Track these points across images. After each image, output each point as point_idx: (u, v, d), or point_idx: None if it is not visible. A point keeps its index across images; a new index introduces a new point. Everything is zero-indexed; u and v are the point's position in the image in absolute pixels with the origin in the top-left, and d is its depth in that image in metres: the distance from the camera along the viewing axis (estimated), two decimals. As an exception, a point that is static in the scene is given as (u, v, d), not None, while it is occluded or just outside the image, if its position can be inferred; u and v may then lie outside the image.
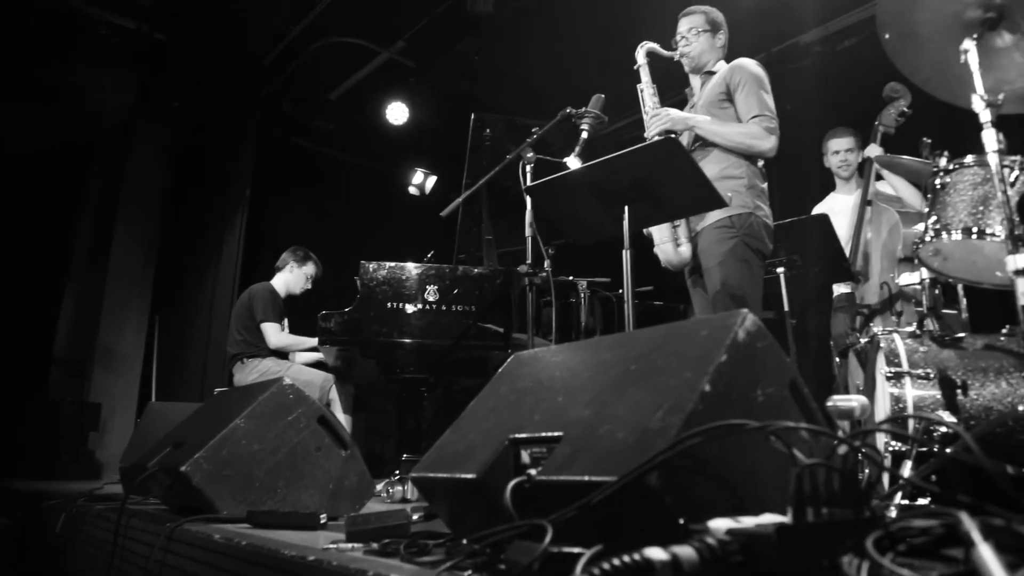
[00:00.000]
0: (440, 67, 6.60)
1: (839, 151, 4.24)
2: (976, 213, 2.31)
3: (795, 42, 5.94)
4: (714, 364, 1.29)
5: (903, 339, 2.51)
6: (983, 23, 2.17)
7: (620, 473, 1.20)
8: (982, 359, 2.44)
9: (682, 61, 3.22)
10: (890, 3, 2.32)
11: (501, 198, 4.41)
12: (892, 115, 3.87)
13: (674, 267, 3.06)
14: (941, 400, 2.37)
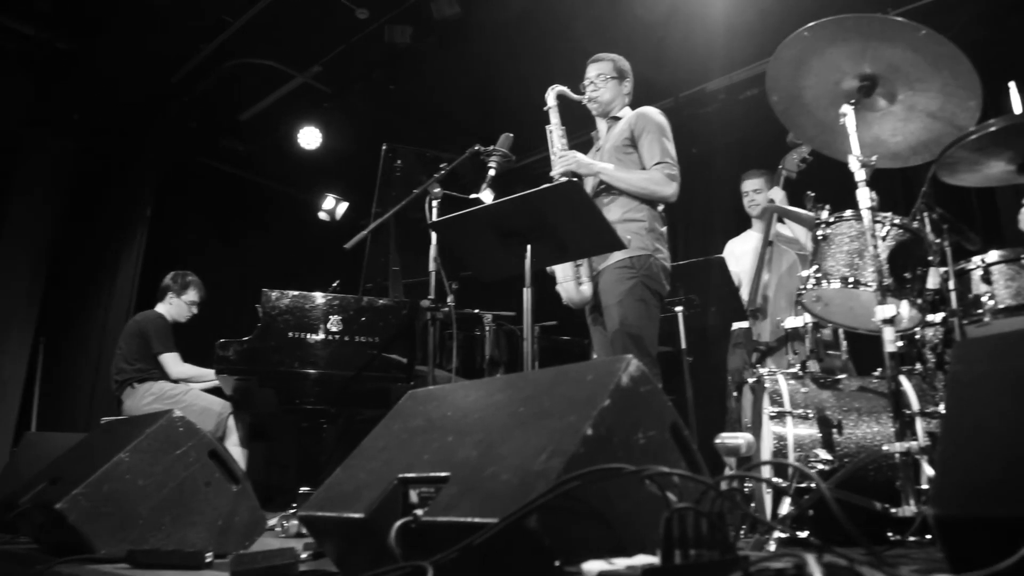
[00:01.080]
0: (355, 94, 6.57)
1: (748, 191, 4.49)
2: (853, 264, 2.46)
3: (701, 89, 6.20)
4: (597, 408, 1.33)
5: (787, 380, 2.65)
6: (859, 90, 2.33)
7: (502, 515, 1.22)
8: (856, 400, 2.59)
9: (589, 105, 3.33)
10: (777, 70, 2.47)
11: (410, 229, 4.41)
12: (795, 160, 4.11)
13: (575, 305, 3.13)
14: (819, 438, 2.51)
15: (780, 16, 3.28)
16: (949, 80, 2.23)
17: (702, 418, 4.17)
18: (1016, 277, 2.39)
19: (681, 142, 6.22)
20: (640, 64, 3.62)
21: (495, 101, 5.88)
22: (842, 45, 2.33)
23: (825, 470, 2.46)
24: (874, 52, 2.31)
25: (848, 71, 2.37)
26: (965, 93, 2.22)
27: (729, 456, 2.41)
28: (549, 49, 5.24)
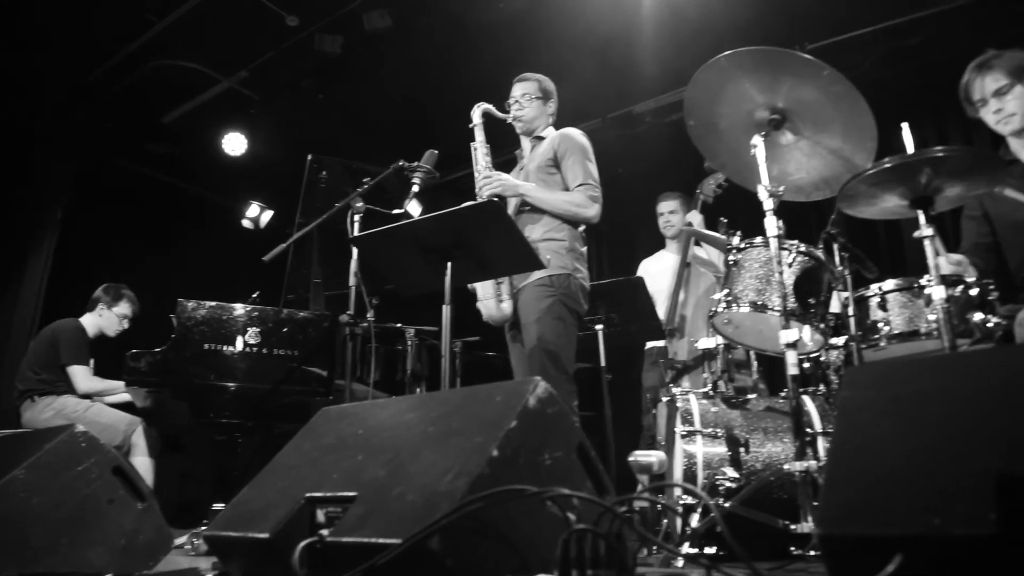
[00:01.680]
0: (283, 102, 6.47)
1: (663, 213, 4.64)
2: (762, 289, 2.56)
3: (629, 111, 6.34)
4: (504, 429, 1.35)
5: (698, 399, 2.73)
6: (770, 123, 2.44)
7: (406, 536, 1.22)
8: (763, 420, 2.69)
9: (514, 124, 3.38)
10: (695, 95, 2.56)
11: (333, 241, 4.38)
12: (711, 186, 4.27)
13: (495, 322, 3.16)
14: (727, 457, 2.59)
15: (707, 42, 3.40)
16: (849, 120, 2.35)
17: (620, 435, 4.25)
18: (909, 305, 2.53)
19: (608, 162, 6.35)
20: (570, 84, 3.70)
21: (424, 115, 5.87)
22: (756, 76, 2.43)
23: (732, 487, 2.55)
24: (784, 87, 2.42)
25: (760, 103, 2.47)
26: (863, 134, 2.34)
27: (642, 473, 2.47)
28: (479, 66, 5.28)
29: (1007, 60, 2.75)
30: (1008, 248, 2.84)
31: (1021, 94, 2.74)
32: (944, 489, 1.14)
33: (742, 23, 4.98)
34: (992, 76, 2.76)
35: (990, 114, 2.79)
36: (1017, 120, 2.75)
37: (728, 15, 4.99)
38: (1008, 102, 2.74)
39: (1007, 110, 2.75)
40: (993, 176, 2.16)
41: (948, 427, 1.24)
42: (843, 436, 1.36)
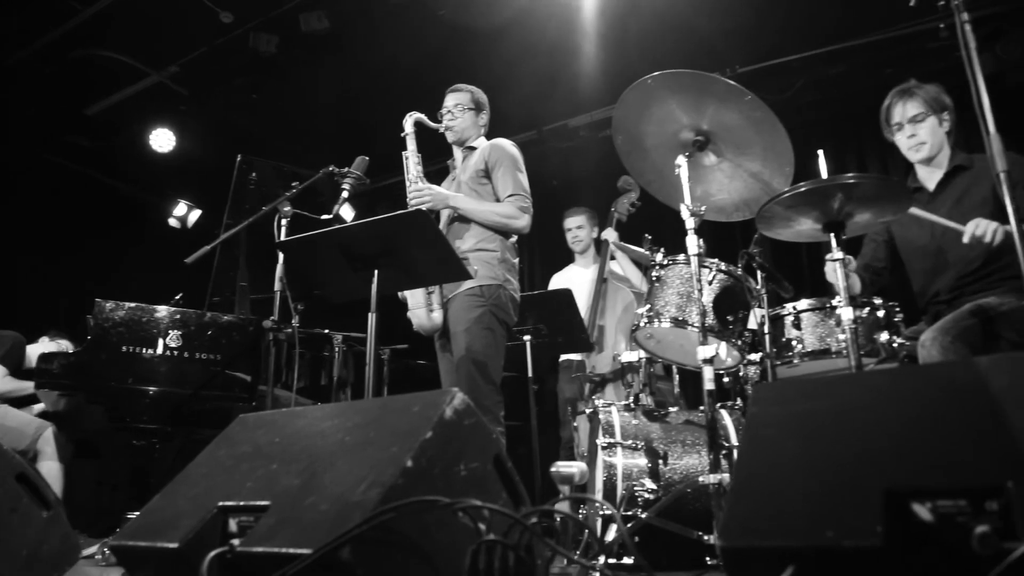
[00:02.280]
0: (215, 99, 6.33)
1: (571, 228, 4.80)
2: (683, 305, 2.64)
3: (564, 124, 6.42)
4: (419, 440, 1.35)
5: (619, 412, 2.78)
6: (694, 144, 2.51)
7: (317, 545, 1.22)
8: (681, 432, 2.76)
9: (446, 134, 3.39)
10: (624, 112, 2.62)
11: (262, 244, 4.31)
12: (625, 204, 4.39)
13: (426, 332, 3.16)
14: (646, 468, 2.65)
15: (644, 61, 3.49)
16: (768, 145, 2.45)
17: (545, 445, 4.29)
18: (821, 324, 2.64)
19: (542, 173, 6.42)
20: (508, 95, 3.73)
21: (359, 120, 5.83)
22: (681, 98, 2.50)
23: (650, 499, 2.61)
24: (709, 109, 2.50)
25: (686, 124, 2.55)
26: (781, 159, 2.44)
27: (564, 484, 2.50)
28: (415, 73, 5.29)
29: (926, 92, 2.94)
30: (912, 273, 3.00)
31: (933, 125, 2.92)
32: (838, 503, 1.20)
33: (678, 43, 5.11)
34: (912, 103, 2.94)
35: (904, 138, 2.97)
36: (926, 149, 2.93)
37: (665, 35, 5.11)
38: (921, 130, 2.92)
39: (919, 137, 2.92)
40: (900, 204, 2.28)
41: (843, 444, 1.30)
42: (748, 451, 1.41)
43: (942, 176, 2.94)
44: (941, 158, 2.97)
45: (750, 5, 4.96)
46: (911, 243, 2.96)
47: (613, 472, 2.64)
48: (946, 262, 2.83)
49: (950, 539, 1.12)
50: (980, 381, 1.28)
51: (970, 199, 2.81)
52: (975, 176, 2.85)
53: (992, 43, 5.00)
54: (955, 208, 2.80)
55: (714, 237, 5.31)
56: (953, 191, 2.89)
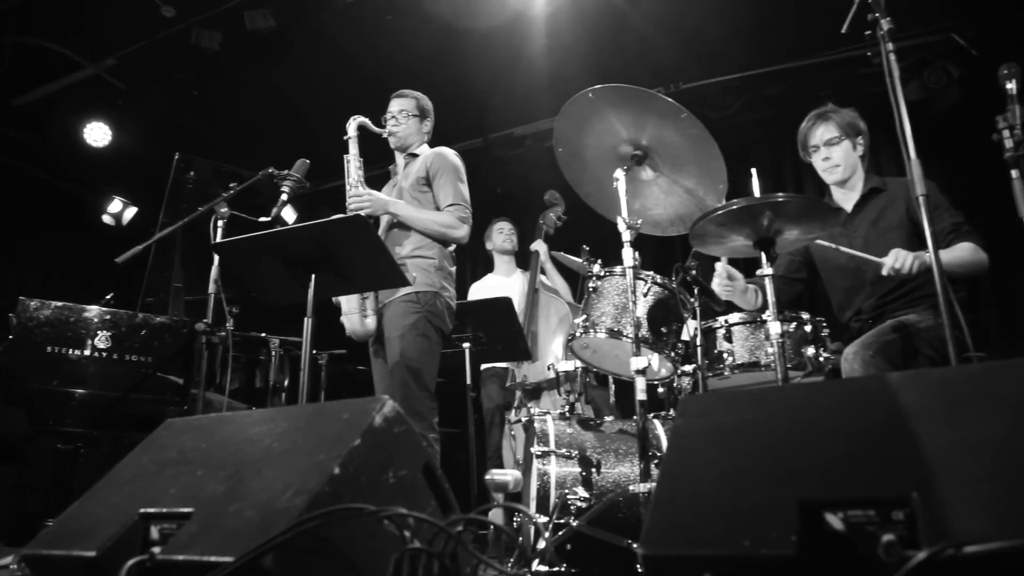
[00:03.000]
0: (154, 95, 6.18)
1: (503, 230, 4.97)
2: (618, 316, 2.68)
3: (510, 133, 6.46)
4: (347, 447, 1.35)
5: (554, 421, 2.81)
6: (632, 158, 2.56)
7: (240, 553, 1.20)
8: (615, 442, 2.80)
9: (389, 139, 3.38)
10: (565, 123, 2.65)
11: (200, 244, 4.22)
12: (552, 217, 4.47)
13: (358, 337, 3.14)
14: (579, 477, 2.68)
15: (590, 73, 3.54)
16: (703, 163, 2.51)
17: (483, 452, 4.30)
18: (751, 337, 2.72)
19: (486, 180, 6.44)
20: (455, 102, 3.73)
21: (303, 122, 5.77)
22: (621, 112, 2.55)
23: (583, 507, 2.64)
24: (648, 125, 2.55)
25: (625, 138, 2.60)
26: (715, 177, 2.51)
27: (498, 492, 2.51)
28: (361, 77, 5.26)
29: (841, 116, 3.06)
30: (832, 291, 3.11)
31: (848, 149, 3.05)
32: (755, 513, 1.24)
33: (625, 57, 5.20)
34: (828, 127, 3.06)
35: (819, 161, 3.10)
36: (840, 171, 3.06)
37: (613, 49, 5.19)
38: (835, 152, 3.04)
39: (834, 160, 3.05)
40: (826, 222, 2.36)
41: (763, 455, 1.35)
42: (671, 461, 1.44)
43: (858, 198, 3.05)
44: (855, 181, 3.09)
45: (695, 23, 5.07)
46: (830, 261, 3.07)
47: (546, 480, 2.67)
48: (864, 281, 2.94)
49: (859, 547, 1.17)
50: (891, 396, 1.34)
51: (886, 221, 2.93)
52: (890, 198, 2.98)
53: (921, 71, 5.21)
54: (872, 229, 2.92)
55: (655, 250, 5.42)
56: (869, 213, 3.01)
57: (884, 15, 2.34)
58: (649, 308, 2.65)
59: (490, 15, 4.99)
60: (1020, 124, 2.17)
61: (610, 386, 3.41)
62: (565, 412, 2.93)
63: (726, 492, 1.31)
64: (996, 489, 1.11)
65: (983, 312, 5.03)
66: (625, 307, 2.66)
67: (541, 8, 4.92)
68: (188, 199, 4.18)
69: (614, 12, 4.94)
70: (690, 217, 2.47)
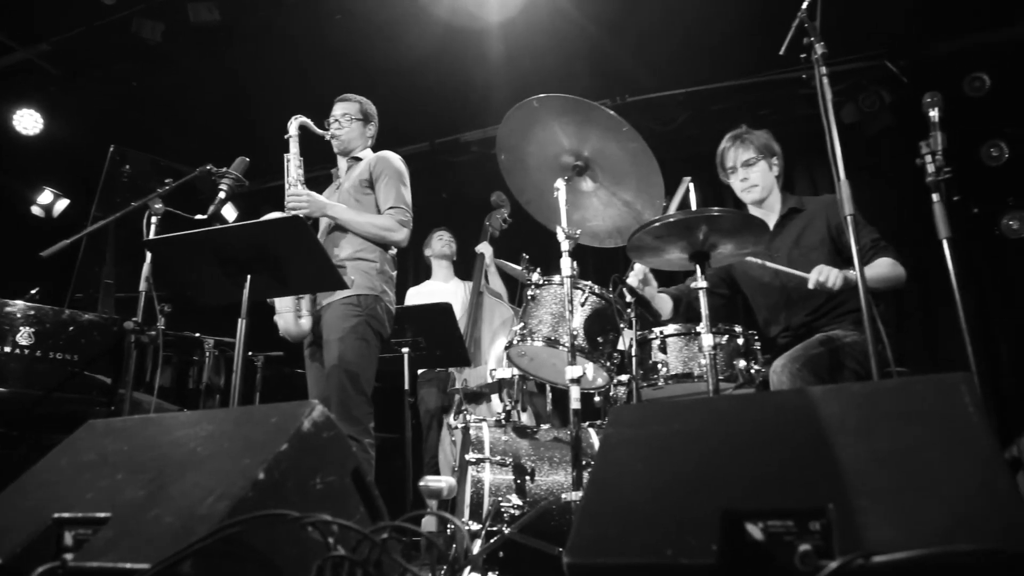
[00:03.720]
0: (91, 84, 5.98)
1: (442, 237, 4.99)
2: (555, 325, 2.70)
3: (456, 138, 6.46)
4: (274, 452, 1.33)
5: (489, 428, 2.81)
6: (573, 168, 2.59)
7: (156, 560, 1.17)
8: (549, 450, 2.82)
9: (332, 142, 3.36)
10: (509, 130, 2.66)
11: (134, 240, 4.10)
12: (498, 219, 4.48)
13: (292, 338, 3.09)
14: (513, 485, 2.69)
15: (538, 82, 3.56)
16: (642, 177, 2.55)
17: (420, 458, 4.27)
18: (686, 348, 2.77)
19: (431, 185, 6.41)
20: (403, 105, 3.70)
21: (245, 119, 5.65)
22: (564, 122, 2.57)
23: (516, 514, 2.65)
24: (590, 136, 2.58)
25: (567, 148, 2.62)
26: (652, 192, 2.55)
27: (432, 499, 2.50)
28: (307, 77, 5.19)
29: (757, 138, 3.17)
30: (757, 307, 3.20)
31: (764, 169, 3.15)
32: (680, 523, 1.26)
33: (573, 68, 5.24)
34: (744, 148, 3.15)
35: (737, 181, 3.19)
36: (757, 191, 3.16)
37: (563, 59, 5.22)
38: (753, 173, 3.14)
39: (751, 180, 3.15)
40: (759, 238, 2.42)
41: (689, 466, 1.37)
42: (600, 470, 1.46)
43: (778, 218, 3.14)
44: (772, 201, 3.19)
45: (646, 37, 5.14)
46: (754, 279, 3.16)
47: (480, 487, 2.67)
48: (790, 298, 3.03)
49: (777, 557, 1.20)
50: (813, 409, 1.38)
51: (807, 239, 3.02)
52: (809, 218, 3.08)
53: (856, 95, 5.40)
54: (795, 248, 3.01)
55: (596, 260, 5.47)
56: (791, 232, 3.10)
57: (819, 40, 2.41)
58: (586, 318, 2.68)
59: (442, 20, 4.98)
60: (941, 150, 2.26)
61: (547, 394, 3.43)
62: (501, 419, 2.93)
63: (652, 502, 1.33)
64: (905, 501, 1.16)
65: (908, 328, 5.22)
66: (562, 316, 2.68)
67: (495, 15, 4.93)
68: (122, 193, 4.05)
69: (568, 22, 4.97)
70: (627, 230, 2.50)
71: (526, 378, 3.15)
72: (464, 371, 4.12)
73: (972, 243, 5.27)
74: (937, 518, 1.12)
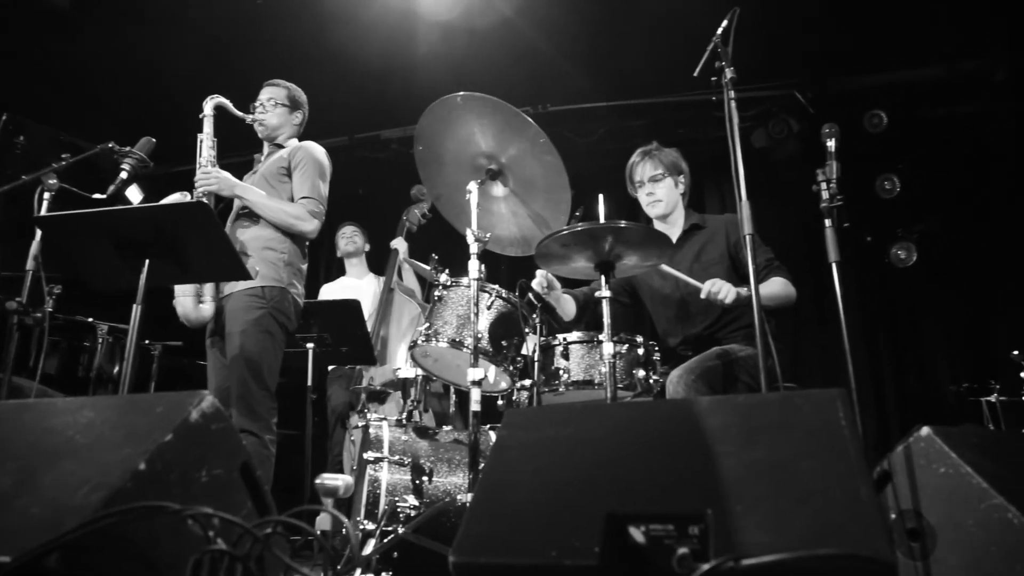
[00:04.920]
0: (-11, 49, 5.63)
1: (345, 233, 4.96)
2: (461, 327, 2.71)
3: (377, 135, 6.40)
4: (157, 443, 1.29)
5: (390, 427, 2.79)
6: (487, 172, 2.61)
7: (20, 552, 1.12)
8: (449, 451, 2.82)
9: (256, 127, 3.27)
10: (429, 123, 2.65)
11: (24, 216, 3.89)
12: (416, 214, 4.47)
13: (191, 323, 2.99)
14: (410, 485, 2.68)
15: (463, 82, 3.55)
16: (552, 189, 2.59)
17: (322, 455, 4.20)
18: (588, 356, 2.82)
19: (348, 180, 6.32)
20: (322, 96, 3.59)
21: (158, 99, 5.42)
22: (485, 124, 2.58)
23: (412, 515, 2.64)
24: (508, 142, 2.60)
25: (484, 150, 2.63)
26: (560, 207, 2.60)
27: (328, 497, 2.46)
28: (228, 59, 5.04)
29: (665, 155, 3.30)
30: (657, 318, 3.31)
31: (670, 186, 3.28)
32: (566, 525, 1.29)
33: (500, 73, 5.25)
34: (652, 164, 3.27)
35: (644, 196, 3.31)
36: (662, 206, 3.28)
37: (491, 62, 5.24)
38: (659, 188, 3.27)
39: (656, 195, 3.27)
40: (662, 252, 2.50)
41: (577, 470, 1.40)
42: (491, 471, 1.47)
43: (680, 233, 3.27)
44: (676, 217, 3.33)
45: (573, 47, 5.21)
46: (655, 291, 3.26)
47: (377, 486, 2.65)
48: (689, 312, 3.14)
49: (657, 560, 1.24)
50: (699, 419, 1.44)
51: (707, 255, 3.15)
52: (710, 234, 3.22)
53: (766, 121, 5.63)
54: (695, 263, 3.13)
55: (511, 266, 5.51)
56: (692, 247, 3.23)
57: (729, 64, 2.51)
58: (491, 321, 2.70)
59: (372, 13, 4.92)
60: (835, 179, 2.39)
61: (451, 396, 3.43)
62: (402, 419, 2.92)
63: (540, 503, 1.36)
64: (778, 508, 1.22)
65: (804, 346, 5.48)
66: (468, 318, 2.69)
67: (427, 13, 4.90)
68: (14, 165, 3.83)
69: (501, 26, 4.99)
70: (532, 240, 2.53)
71: (430, 379, 3.14)
72: (371, 369, 4.07)
73: (865, 268, 5.59)
74: (805, 524, 1.18)
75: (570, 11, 4.85)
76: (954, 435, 1.68)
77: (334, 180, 3.31)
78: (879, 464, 1.78)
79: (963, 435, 1.71)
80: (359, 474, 2.96)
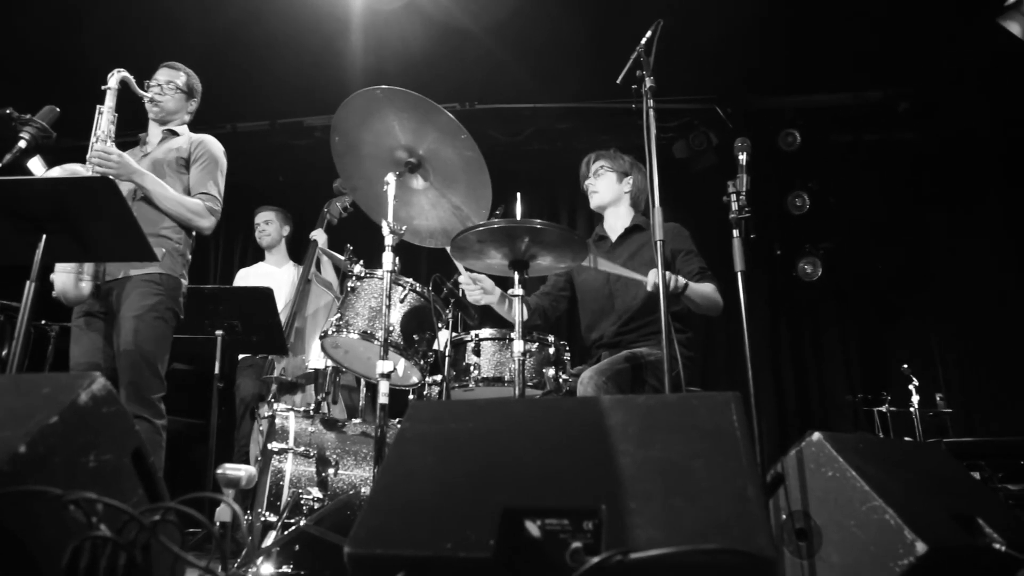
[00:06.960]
0: None
1: (259, 223, 4.80)
2: (372, 319, 2.69)
3: (300, 121, 6.26)
4: (40, 425, 1.24)
5: (296, 418, 2.75)
6: (406, 164, 2.60)
7: None
8: (356, 444, 2.80)
9: (150, 108, 3.18)
10: (347, 114, 2.62)
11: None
12: (338, 207, 4.42)
13: (68, 301, 2.86)
14: (315, 477, 2.65)
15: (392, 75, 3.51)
16: (473, 185, 2.60)
17: (228, 445, 4.09)
18: (499, 353, 2.85)
19: (268, 166, 6.18)
20: (246, 80, 3.50)
21: (66, 66, 5.15)
22: (405, 117, 2.56)
23: (316, 507, 2.61)
24: (427, 136, 2.59)
25: (403, 144, 2.62)
26: (480, 203, 2.61)
27: (229, 487, 2.41)
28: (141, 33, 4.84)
29: (618, 156, 3.51)
30: (583, 312, 3.41)
31: (611, 181, 3.46)
32: (463, 517, 1.30)
33: (431, 65, 5.22)
34: (600, 160, 3.49)
35: (587, 186, 3.51)
36: (597, 198, 3.48)
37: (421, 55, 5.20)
38: (600, 182, 3.47)
39: (594, 187, 3.47)
40: (577, 255, 2.54)
41: (476, 463, 1.42)
42: (391, 464, 1.47)
43: (622, 231, 3.41)
44: (620, 215, 3.48)
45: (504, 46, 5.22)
46: (587, 284, 3.38)
47: (280, 478, 2.61)
48: (612, 307, 3.26)
49: (551, 554, 1.27)
50: (600, 417, 1.47)
51: (642, 256, 3.27)
52: (648, 236, 3.32)
53: (687, 133, 5.79)
54: (630, 260, 3.24)
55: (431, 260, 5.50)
56: (629, 246, 3.37)
57: (650, 74, 2.58)
58: (404, 314, 2.69)
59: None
60: (744, 191, 2.48)
61: (361, 388, 3.40)
62: (309, 410, 2.88)
63: (438, 496, 1.36)
64: (670, 505, 1.26)
65: (717, 353, 5.67)
66: (380, 310, 2.67)
67: (360, 3, 4.84)
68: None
69: (432, 20, 4.95)
70: (452, 232, 2.54)
71: (340, 370, 3.10)
72: (283, 360, 4.00)
73: (774, 279, 5.82)
74: (695, 521, 1.22)
75: (513, 13, 4.87)
76: (843, 440, 1.78)
77: (254, 165, 3.25)
78: (774, 466, 1.86)
79: (852, 441, 1.81)
80: (263, 465, 2.91)
